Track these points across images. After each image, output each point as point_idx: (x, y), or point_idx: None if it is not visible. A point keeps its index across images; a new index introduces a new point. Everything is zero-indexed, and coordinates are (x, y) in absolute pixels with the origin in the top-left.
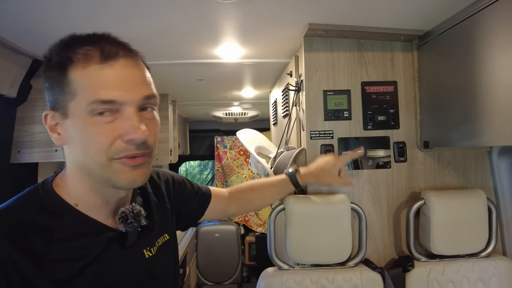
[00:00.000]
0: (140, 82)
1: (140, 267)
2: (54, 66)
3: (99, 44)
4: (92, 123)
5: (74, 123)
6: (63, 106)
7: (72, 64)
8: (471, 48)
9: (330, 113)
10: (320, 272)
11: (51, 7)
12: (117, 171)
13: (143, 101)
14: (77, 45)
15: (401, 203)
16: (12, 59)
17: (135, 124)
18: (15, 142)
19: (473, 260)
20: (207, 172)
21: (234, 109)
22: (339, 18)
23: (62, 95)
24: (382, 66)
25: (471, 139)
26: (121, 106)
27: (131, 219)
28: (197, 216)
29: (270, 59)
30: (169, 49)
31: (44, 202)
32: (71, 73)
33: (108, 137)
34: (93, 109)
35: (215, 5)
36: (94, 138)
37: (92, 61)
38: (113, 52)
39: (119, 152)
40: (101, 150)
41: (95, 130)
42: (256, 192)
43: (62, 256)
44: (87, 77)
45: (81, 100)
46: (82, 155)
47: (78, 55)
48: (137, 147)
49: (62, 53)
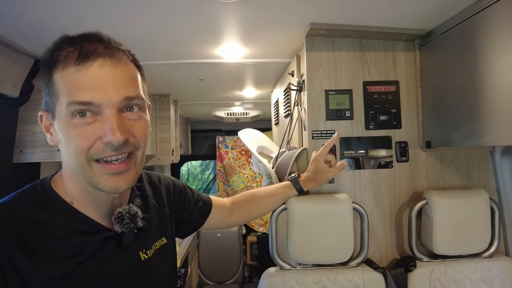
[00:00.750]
0: (121, 83)
1: (135, 269)
2: (44, 68)
3: (79, 45)
4: (72, 124)
5: (58, 125)
6: (52, 108)
7: (55, 66)
8: (473, 47)
9: (332, 113)
10: (322, 272)
11: (54, 7)
12: (97, 174)
13: (123, 103)
14: (62, 46)
15: (403, 203)
16: (14, 59)
17: (113, 127)
18: (17, 142)
19: (476, 260)
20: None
21: (235, 109)
22: (341, 18)
23: (50, 97)
24: (384, 66)
25: (474, 139)
26: (99, 107)
27: (127, 220)
28: (197, 225)
29: (271, 59)
30: (170, 49)
31: (41, 198)
32: (55, 75)
33: (88, 139)
34: (71, 111)
35: (217, 5)
36: (74, 140)
37: (70, 63)
38: (91, 51)
39: (98, 153)
40: (81, 152)
41: (75, 132)
42: (259, 201)
43: (56, 253)
44: (65, 79)
45: (62, 101)
46: (67, 156)
47: (61, 56)
48: (114, 149)
49: (50, 55)
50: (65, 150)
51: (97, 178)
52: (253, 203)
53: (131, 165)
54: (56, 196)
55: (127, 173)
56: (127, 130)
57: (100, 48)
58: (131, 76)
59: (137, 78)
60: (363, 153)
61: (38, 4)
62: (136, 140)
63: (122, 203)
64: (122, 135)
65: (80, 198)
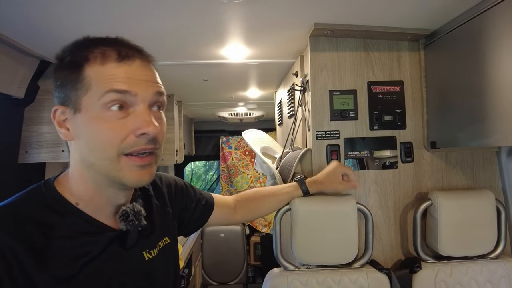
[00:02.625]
0: (153, 81)
1: (139, 269)
2: (68, 65)
3: (116, 47)
4: (105, 117)
5: (86, 117)
6: (75, 101)
7: (88, 62)
8: (478, 47)
9: (336, 113)
10: (326, 273)
11: (59, 9)
12: (124, 168)
13: (154, 97)
14: (93, 45)
15: (407, 203)
16: (20, 60)
17: (148, 119)
18: (23, 143)
19: (482, 261)
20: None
21: (239, 110)
22: (345, 18)
23: (75, 91)
24: (389, 66)
25: (479, 139)
26: (134, 99)
27: (132, 217)
28: (200, 223)
29: (275, 59)
30: (174, 49)
31: (45, 199)
32: (86, 70)
33: (120, 132)
34: (107, 101)
35: (221, 6)
36: (106, 133)
37: (110, 60)
38: (130, 54)
39: (130, 146)
40: (112, 145)
41: (108, 125)
42: (263, 199)
43: (62, 253)
44: (104, 72)
45: (94, 93)
46: (87, 151)
47: (95, 53)
48: (147, 141)
49: (77, 53)
50: (87, 144)
51: (123, 172)
52: (257, 202)
53: (153, 161)
54: (60, 197)
55: (150, 167)
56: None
57: (136, 51)
58: (158, 77)
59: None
60: (368, 153)
61: (43, 6)
62: (160, 138)
63: (126, 202)
64: (156, 128)
65: (87, 198)
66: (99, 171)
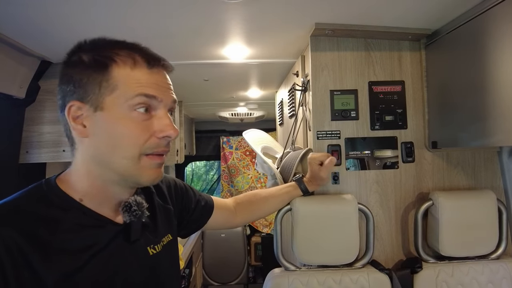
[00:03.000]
0: (171, 89)
1: (143, 263)
2: (91, 63)
3: (143, 53)
4: (131, 118)
5: (109, 116)
6: (97, 100)
7: (116, 64)
8: (480, 46)
9: (337, 113)
10: (327, 273)
11: (60, 9)
12: (144, 167)
13: (172, 104)
14: (118, 47)
15: (409, 203)
16: (20, 61)
17: (170, 123)
18: (23, 143)
19: (483, 262)
20: (213, 173)
21: (240, 110)
22: (346, 18)
23: (98, 89)
24: (390, 66)
25: (481, 139)
26: (158, 104)
27: (134, 207)
28: (198, 225)
29: (276, 59)
30: (175, 49)
31: (48, 196)
32: (114, 71)
33: (145, 133)
34: (135, 103)
35: (222, 5)
36: (131, 133)
37: (141, 66)
38: (157, 63)
39: (152, 148)
40: (136, 145)
41: (133, 125)
42: (263, 201)
43: (67, 246)
44: (133, 76)
45: (122, 94)
46: (106, 149)
47: (122, 57)
48: (166, 143)
49: (101, 53)
50: (106, 143)
51: (142, 171)
52: (257, 204)
53: (164, 161)
54: (62, 193)
55: (163, 166)
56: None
57: (162, 61)
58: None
59: None
60: (369, 153)
61: (45, 6)
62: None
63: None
64: (176, 131)
65: (91, 194)
66: (115, 169)
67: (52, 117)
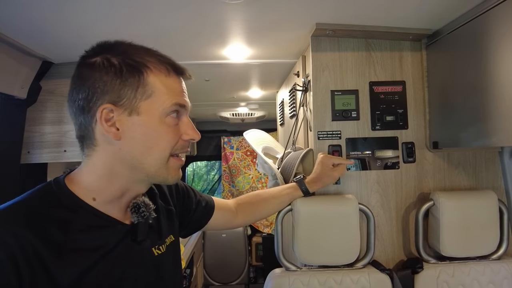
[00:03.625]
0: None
1: (149, 263)
2: (122, 68)
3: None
4: (165, 123)
5: (146, 120)
6: (132, 104)
7: (151, 71)
8: (481, 46)
9: (337, 113)
10: (328, 273)
11: (61, 9)
12: (171, 167)
13: (190, 109)
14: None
15: (409, 204)
16: (22, 61)
17: (194, 128)
18: (25, 143)
19: (484, 262)
20: (214, 173)
21: (241, 110)
22: (347, 18)
23: (134, 94)
24: (391, 66)
25: (482, 139)
26: (185, 110)
27: (143, 208)
28: (199, 225)
29: (277, 59)
30: (176, 49)
31: (57, 196)
32: (150, 78)
33: (176, 136)
34: (169, 110)
35: (222, 6)
36: (166, 136)
37: (173, 74)
38: (181, 70)
39: (179, 149)
40: (168, 147)
41: (167, 129)
42: (264, 202)
43: (79, 246)
44: (168, 84)
45: (158, 101)
46: (140, 151)
47: (154, 64)
48: (190, 146)
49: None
50: (141, 145)
51: (170, 170)
52: (258, 205)
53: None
54: (71, 194)
55: None
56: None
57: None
58: None
59: None
60: (370, 154)
61: (46, 7)
62: None
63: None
64: (199, 134)
65: (105, 194)
66: (146, 169)
67: (53, 118)
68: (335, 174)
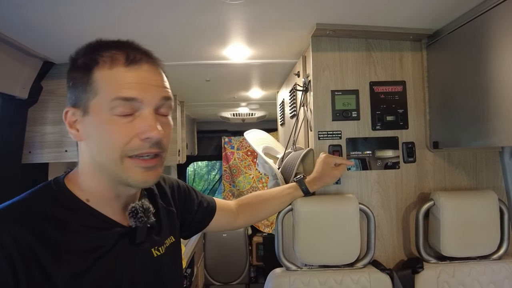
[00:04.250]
0: (160, 85)
1: (148, 265)
2: (80, 67)
3: (125, 50)
4: (112, 121)
5: (94, 120)
6: (85, 104)
7: (98, 66)
8: (481, 47)
9: (338, 113)
10: (328, 273)
11: (62, 10)
12: (129, 169)
13: (161, 101)
14: (104, 48)
15: (410, 204)
16: (23, 61)
17: (152, 124)
18: (26, 143)
19: (485, 262)
20: (214, 173)
21: (241, 110)
22: (347, 18)
23: (85, 94)
24: (391, 66)
25: (482, 139)
26: (140, 104)
27: (141, 214)
28: (201, 226)
29: (277, 60)
30: (177, 50)
31: (57, 196)
32: (95, 73)
33: (126, 136)
34: (114, 106)
35: (223, 6)
36: (112, 136)
37: (118, 64)
38: (138, 58)
39: (134, 150)
40: (116, 147)
41: (114, 128)
42: (265, 203)
43: (76, 247)
44: (111, 77)
45: (103, 97)
46: (96, 152)
47: (104, 57)
48: (151, 145)
49: (88, 55)
50: (95, 146)
51: (128, 173)
52: (258, 205)
53: (158, 163)
54: (70, 194)
55: (156, 169)
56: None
57: (145, 55)
58: (165, 81)
59: (168, 84)
60: (370, 153)
61: (47, 8)
62: (165, 142)
63: (135, 200)
64: (159, 132)
65: (97, 195)
66: (107, 170)
67: (54, 118)
68: (336, 173)
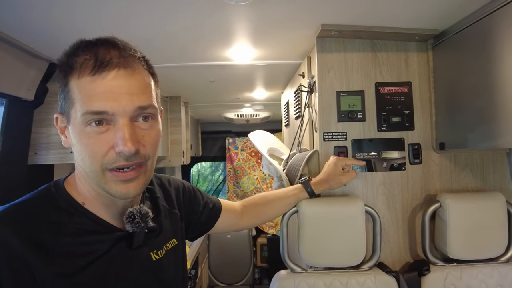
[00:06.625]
0: (135, 92)
1: (146, 269)
2: (60, 72)
3: (95, 52)
4: (86, 133)
5: (73, 130)
6: (67, 112)
7: (71, 73)
8: (488, 47)
9: (343, 115)
10: (334, 275)
11: (68, 11)
12: (110, 181)
13: (136, 112)
14: (79, 52)
15: (416, 205)
16: (29, 63)
17: (125, 137)
18: (32, 144)
19: (492, 265)
20: (218, 173)
21: (245, 111)
22: (352, 19)
23: (65, 102)
24: (397, 67)
25: (489, 140)
26: (113, 116)
27: (138, 219)
28: (206, 228)
29: (282, 60)
30: (181, 51)
31: (55, 199)
32: (70, 81)
33: (101, 148)
34: (86, 120)
35: (228, 7)
36: (89, 148)
37: (86, 72)
38: (106, 61)
39: (111, 163)
40: (94, 160)
41: (88, 140)
42: (270, 204)
43: (69, 250)
44: (80, 87)
45: (77, 109)
46: (80, 161)
47: (77, 63)
48: (126, 158)
49: (66, 60)
50: (79, 155)
51: (109, 185)
52: (264, 207)
53: (141, 173)
54: (69, 197)
55: (137, 180)
56: (138, 140)
57: (115, 58)
58: (145, 85)
59: (151, 86)
60: (376, 155)
61: (52, 9)
62: (146, 150)
63: (134, 204)
64: (133, 145)
65: (92, 199)
66: (92, 179)
67: None
68: (342, 179)
